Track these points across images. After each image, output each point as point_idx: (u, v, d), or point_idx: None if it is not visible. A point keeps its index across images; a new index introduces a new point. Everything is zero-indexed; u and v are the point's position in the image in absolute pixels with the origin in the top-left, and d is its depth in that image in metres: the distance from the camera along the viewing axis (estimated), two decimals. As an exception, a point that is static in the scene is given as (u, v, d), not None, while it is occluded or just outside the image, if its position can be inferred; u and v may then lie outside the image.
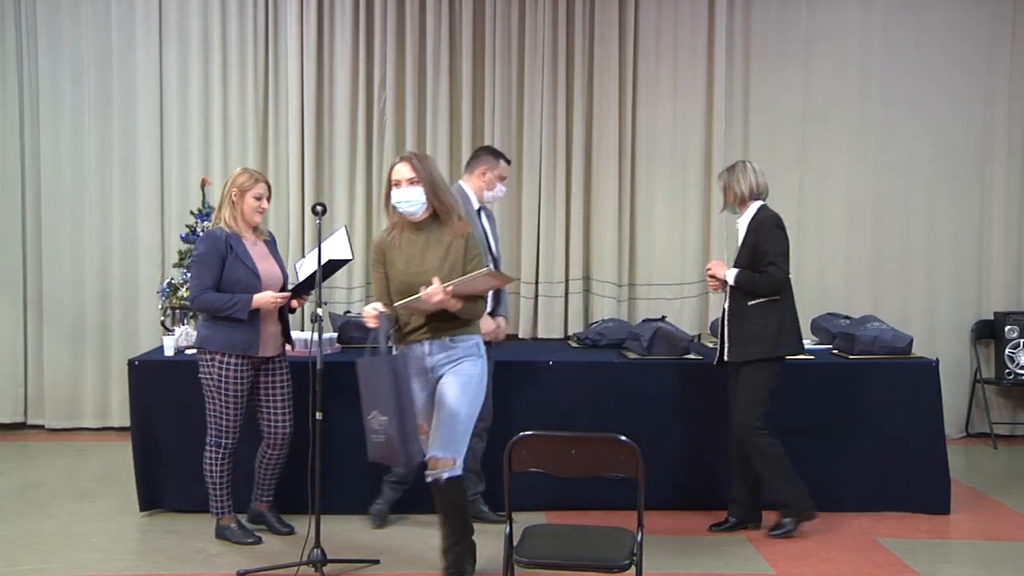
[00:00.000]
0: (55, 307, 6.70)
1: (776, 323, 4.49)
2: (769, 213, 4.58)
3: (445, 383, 3.74)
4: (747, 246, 4.57)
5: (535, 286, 6.62)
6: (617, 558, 3.05)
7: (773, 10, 6.74)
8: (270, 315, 4.37)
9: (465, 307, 3.71)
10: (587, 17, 6.60)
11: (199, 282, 4.28)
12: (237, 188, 4.34)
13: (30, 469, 5.82)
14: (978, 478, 5.72)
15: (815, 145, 6.77)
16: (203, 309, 4.33)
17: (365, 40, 6.58)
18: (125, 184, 6.68)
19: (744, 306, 4.53)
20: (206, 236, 4.40)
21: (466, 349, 3.78)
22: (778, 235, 4.52)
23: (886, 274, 6.68)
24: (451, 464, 3.69)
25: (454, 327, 3.75)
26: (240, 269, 4.27)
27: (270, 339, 4.37)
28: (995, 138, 6.80)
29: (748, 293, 4.52)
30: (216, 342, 4.28)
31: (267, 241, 4.51)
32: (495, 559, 3.97)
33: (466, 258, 3.76)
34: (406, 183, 3.79)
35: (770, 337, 4.48)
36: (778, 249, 4.49)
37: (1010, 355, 6.64)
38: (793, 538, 4.57)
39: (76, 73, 6.65)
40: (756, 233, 4.53)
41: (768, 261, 4.47)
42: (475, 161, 4.77)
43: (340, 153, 6.60)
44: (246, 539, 4.45)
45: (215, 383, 4.30)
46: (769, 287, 4.48)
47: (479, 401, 3.80)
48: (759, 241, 4.51)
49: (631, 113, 6.64)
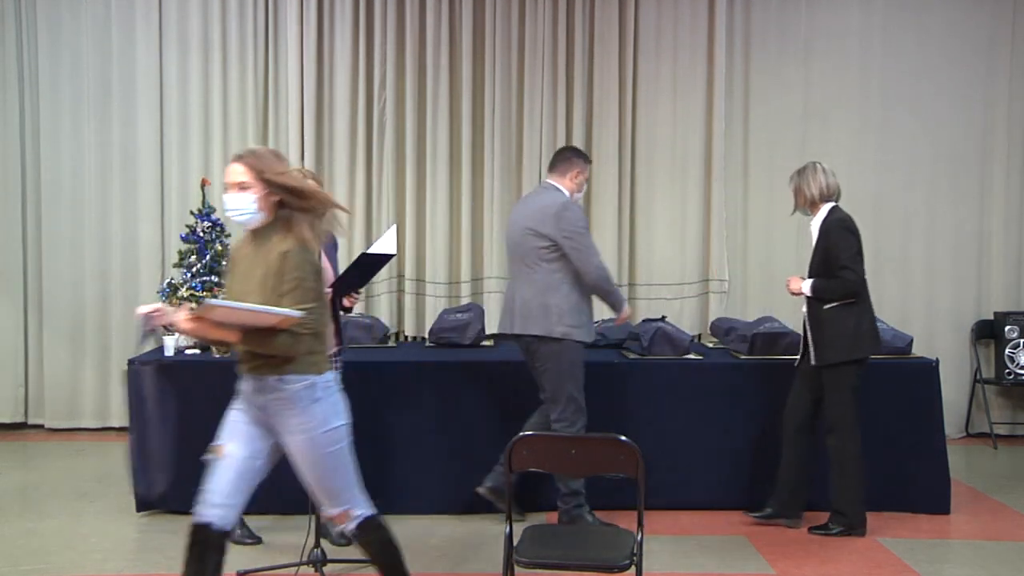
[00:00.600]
0: (55, 307, 6.70)
1: (853, 325, 4.51)
2: (838, 216, 4.59)
3: (289, 446, 3.14)
4: (819, 250, 4.58)
5: (535, 286, 6.62)
6: (617, 558, 3.05)
7: (773, 10, 6.74)
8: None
9: (250, 339, 3.01)
10: (587, 17, 6.60)
11: None
12: None
13: (30, 469, 5.82)
14: (978, 478, 5.71)
15: (815, 145, 6.76)
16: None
17: (365, 40, 6.58)
18: (125, 184, 6.68)
19: (820, 310, 4.55)
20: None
21: (295, 394, 3.06)
22: (847, 238, 4.52)
23: (886, 274, 6.68)
24: (347, 516, 3.22)
25: (277, 364, 3.05)
26: None
27: None
28: (995, 138, 6.80)
29: (825, 299, 4.54)
30: None
31: (325, 245, 4.41)
32: (495, 559, 3.97)
33: (281, 280, 3.01)
34: (236, 187, 3.10)
35: (847, 340, 4.50)
36: (849, 252, 4.49)
37: (1010, 355, 6.64)
38: (796, 532, 4.58)
39: (76, 72, 6.66)
40: (826, 237, 4.55)
41: (841, 265, 4.48)
42: (566, 163, 4.68)
43: (340, 153, 6.60)
44: (245, 539, 4.45)
45: None
46: (844, 291, 4.50)
47: (338, 438, 3.14)
48: (829, 245, 4.53)
49: (631, 113, 6.65)
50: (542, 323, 4.47)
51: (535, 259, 4.52)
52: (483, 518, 4.76)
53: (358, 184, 6.61)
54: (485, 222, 6.66)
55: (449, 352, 5.33)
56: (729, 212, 6.72)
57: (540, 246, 4.50)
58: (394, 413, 4.90)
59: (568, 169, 4.66)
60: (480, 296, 6.64)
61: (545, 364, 4.53)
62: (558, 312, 4.46)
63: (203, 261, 5.41)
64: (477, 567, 4.21)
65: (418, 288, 6.66)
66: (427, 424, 4.91)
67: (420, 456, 4.91)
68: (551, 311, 4.47)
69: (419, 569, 4.16)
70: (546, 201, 4.56)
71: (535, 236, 4.51)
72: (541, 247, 4.50)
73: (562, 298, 4.48)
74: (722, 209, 6.67)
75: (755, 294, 6.77)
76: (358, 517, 3.24)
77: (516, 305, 4.58)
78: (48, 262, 6.69)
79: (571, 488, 4.57)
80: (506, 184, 6.63)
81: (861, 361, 4.56)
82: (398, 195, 6.65)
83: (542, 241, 4.49)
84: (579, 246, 4.46)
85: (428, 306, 6.61)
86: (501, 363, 5.05)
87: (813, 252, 4.62)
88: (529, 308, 4.51)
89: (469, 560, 4.30)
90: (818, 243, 4.59)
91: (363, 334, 5.51)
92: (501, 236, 6.62)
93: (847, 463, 4.54)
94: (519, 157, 6.63)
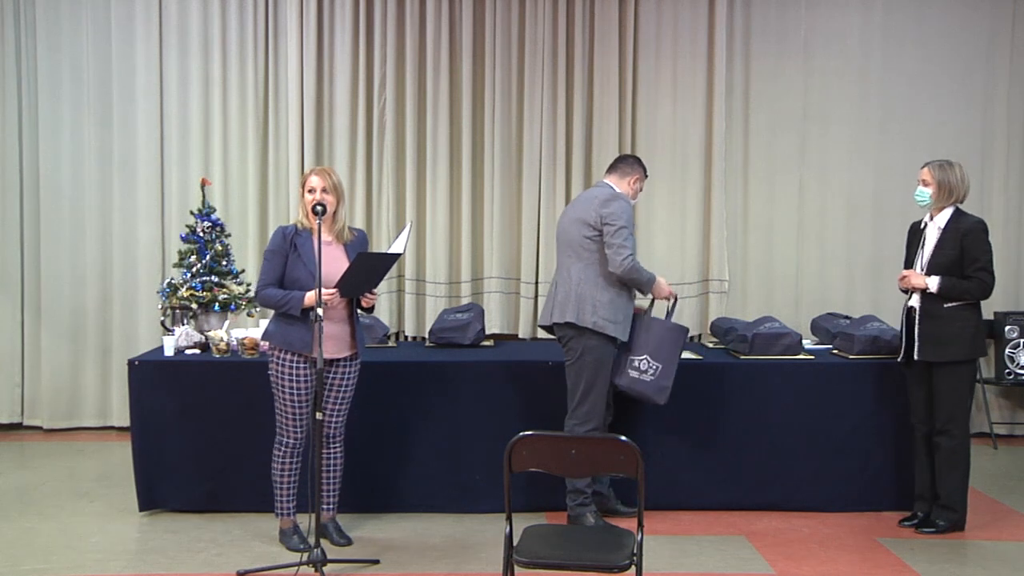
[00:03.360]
0: (54, 307, 6.70)
1: (973, 326, 4.59)
2: (976, 219, 4.66)
3: None
4: (947, 249, 4.60)
5: (535, 286, 6.62)
6: (617, 558, 3.05)
7: (773, 10, 6.74)
8: (333, 315, 4.24)
9: None
10: (587, 17, 6.60)
11: (263, 277, 4.29)
12: (300, 183, 4.39)
13: (30, 469, 5.82)
14: (978, 478, 5.70)
15: (815, 145, 6.77)
16: (262, 304, 4.37)
17: (365, 40, 6.58)
18: (125, 184, 6.67)
19: (940, 308, 4.59)
20: (276, 232, 4.36)
21: None
22: (987, 241, 4.61)
23: (886, 274, 6.67)
24: None
25: None
26: (299, 267, 4.23)
27: (330, 340, 4.23)
28: (995, 138, 6.80)
29: (951, 298, 4.58)
30: (277, 338, 4.27)
31: (347, 244, 4.36)
32: (495, 559, 3.97)
33: None
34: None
35: (968, 339, 4.57)
36: (989, 256, 4.59)
37: (1010, 355, 6.64)
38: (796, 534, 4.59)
39: (76, 73, 6.65)
40: (965, 238, 4.57)
41: (980, 267, 4.55)
42: (628, 167, 4.72)
43: (340, 153, 6.60)
44: (298, 546, 4.32)
45: (276, 379, 4.27)
46: (981, 293, 4.58)
47: None
48: (969, 246, 4.57)
49: (631, 113, 6.65)
50: (575, 311, 4.50)
51: (580, 248, 4.56)
52: (483, 518, 4.76)
53: (358, 184, 6.60)
54: (485, 222, 6.66)
55: (449, 352, 5.32)
56: (729, 212, 6.72)
57: (585, 235, 4.54)
58: (394, 413, 4.90)
59: (629, 174, 4.71)
60: (480, 296, 6.64)
61: (570, 355, 4.57)
62: (593, 303, 4.49)
63: (203, 261, 5.41)
64: (477, 567, 4.20)
65: (418, 288, 6.66)
66: (427, 424, 4.91)
67: (420, 456, 4.91)
68: (586, 300, 4.50)
69: (419, 569, 4.18)
70: (598, 193, 4.63)
71: (582, 224, 4.56)
72: (586, 236, 4.54)
73: (600, 290, 4.51)
74: (722, 209, 6.67)
75: (755, 294, 6.77)
76: None
77: (557, 295, 4.61)
78: (47, 262, 6.69)
79: (575, 486, 4.59)
80: (506, 184, 6.63)
81: (975, 361, 4.67)
82: (398, 195, 6.65)
83: (587, 230, 4.54)
84: (615, 232, 4.47)
85: (428, 306, 6.61)
86: (501, 363, 5.04)
87: (935, 250, 4.62)
88: (568, 297, 4.54)
89: (469, 560, 4.30)
90: (946, 242, 4.61)
91: (363, 334, 5.49)
92: (501, 236, 6.63)
93: (960, 460, 4.62)
94: (519, 157, 6.63)
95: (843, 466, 4.97)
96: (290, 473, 4.34)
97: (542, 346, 6.20)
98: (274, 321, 4.32)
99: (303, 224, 4.29)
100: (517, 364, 5.03)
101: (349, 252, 4.33)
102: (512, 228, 6.65)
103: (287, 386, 4.25)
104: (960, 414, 4.61)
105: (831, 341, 5.48)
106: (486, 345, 5.62)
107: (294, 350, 4.22)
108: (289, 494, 4.36)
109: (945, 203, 4.64)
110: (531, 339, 6.61)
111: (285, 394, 4.25)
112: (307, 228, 4.26)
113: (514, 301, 6.68)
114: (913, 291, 4.68)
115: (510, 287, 6.67)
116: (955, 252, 4.57)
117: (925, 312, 4.63)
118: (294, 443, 4.31)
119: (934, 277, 4.59)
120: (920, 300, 4.65)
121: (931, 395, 4.66)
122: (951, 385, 4.59)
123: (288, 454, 4.32)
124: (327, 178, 4.26)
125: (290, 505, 4.38)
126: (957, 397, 4.60)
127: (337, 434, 4.44)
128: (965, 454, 4.64)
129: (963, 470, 4.64)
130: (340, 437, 4.45)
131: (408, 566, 4.21)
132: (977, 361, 4.71)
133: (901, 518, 4.82)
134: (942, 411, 4.61)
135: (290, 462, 4.33)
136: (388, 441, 4.89)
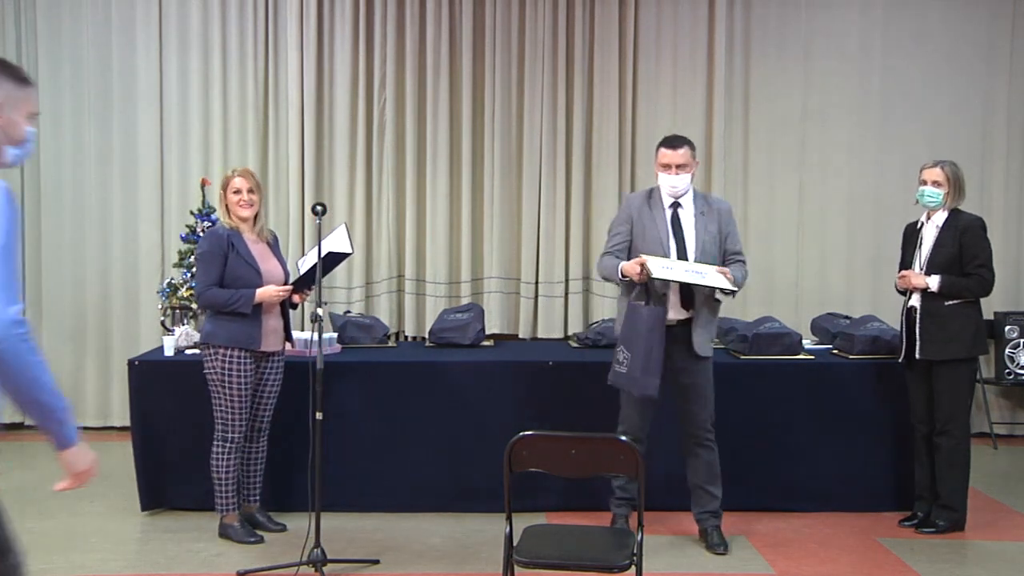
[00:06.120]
0: (55, 307, 6.70)
1: (974, 324, 4.61)
2: (974, 217, 4.67)
3: None
4: (946, 248, 4.61)
5: (535, 286, 6.62)
6: (617, 558, 3.05)
7: (773, 10, 6.73)
8: (271, 310, 4.43)
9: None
10: (587, 17, 6.60)
11: (203, 278, 4.35)
12: (221, 186, 4.49)
13: (30, 469, 5.81)
14: (978, 478, 5.68)
15: (815, 145, 6.77)
16: (208, 305, 4.40)
17: (365, 40, 6.58)
18: (125, 184, 6.67)
19: (941, 306, 4.60)
20: (208, 234, 4.52)
21: None
22: (986, 239, 4.63)
23: (886, 274, 6.66)
24: None
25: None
26: (242, 266, 4.34)
27: (271, 334, 4.43)
28: (995, 138, 6.79)
29: (951, 296, 4.59)
30: (220, 336, 4.34)
31: (269, 242, 4.55)
32: (495, 559, 3.97)
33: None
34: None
35: (968, 337, 4.59)
36: (988, 253, 4.61)
37: (1010, 355, 6.64)
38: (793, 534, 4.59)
39: (76, 73, 6.65)
40: (963, 236, 4.59)
41: (979, 264, 4.57)
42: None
43: (340, 153, 6.60)
44: (248, 538, 4.46)
45: (220, 378, 4.35)
46: (981, 290, 4.61)
47: None
48: (967, 244, 4.58)
49: (631, 113, 6.65)
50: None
51: None
52: (483, 518, 4.76)
53: (358, 184, 6.60)
54: (485, 222, 6.66)
55: (449, 352, 5.33)
56: (729, 212, 6.71)
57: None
58: (394, 413, 4.90)
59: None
60: (480, 296, 6.63)
61: None
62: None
63: (203, 261, 5.41)
64: (477, 567, 4.21)
65: (418, 288, 6.66)
66: (427, 424, 4.91)
67: (420, 456, 4.91)
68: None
69: (419, 569, 4.18)
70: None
71: None
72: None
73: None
74: (722, 209, 6.66)
75: (755, 294, 6.76)
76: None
77: None
78: (47, 262, 6.69)
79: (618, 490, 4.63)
80: (506, 184, 6.63)
81: (976, 359, 4.70)
82: (398, 195, 6.64)
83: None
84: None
85: (428, 306, 6.60)
86: (501, 363, 5.05)
87: (934, 248, 4.64)
88: None
89: (469, 560, 4.30)
90: (944, 240, 4.62)
91: (363, 334, 5.51)
92: (501, 236, 6.63)
93: (960, 461, 4.62)
94: (519, 157, 6.62)
95: (843, 466, 4.98)
96: (233, 469, 4.44)
97: (542, 346, 6.21)
98: (214, 321, 4.39)
99: (230, 224, 4.40)
100: (517, 364, 5.03)
101: (274, 249, 4.53)
102: (512, 228, 6.65)
103: (233, 383, 4.34)
104: (960, 414, 4.62)
105: (831, 341, 5.48)
106: (486, 345, 5.62)
107: (242, 346, 4.33)
108: (233, 490, 4.46)
109: (956, 202, 4.65)
110: (531, 339, 6.61)
111: (232, 390, 4.34)
112: (235, 228, 4.40)
113: (514, 301, 6.67)
114: (912, 291, 4.68)
115: (510, 287, 6.67)
116: (954, 250, 4.58)
117: (926, 311, 4.63)
118: (238, 439, 4.42)
119: (934, 276, 4.59)
120: (920, 299, 4.66)
121: (931, 395, 4.66)
122: (951, 384, 4.59)
123: (232, 451, 4.42)
124: (251, 179, 4.44)
125: (234, 500, 4.48)
126: (957, 397, 4.60)
127: (266, 427, 4.57)
128: (965, 454, 4.64)
129: (963, 470, 4.65)
130: (267, 431, 4.58)
131: (408, 566, 4.21)
132: (977, 360, 4.72)
133: (901, 518, 4.82)
134: (942, 411, 4.61)
135: (234, 458, 4.44)
136: (388, 441, 4.89)
